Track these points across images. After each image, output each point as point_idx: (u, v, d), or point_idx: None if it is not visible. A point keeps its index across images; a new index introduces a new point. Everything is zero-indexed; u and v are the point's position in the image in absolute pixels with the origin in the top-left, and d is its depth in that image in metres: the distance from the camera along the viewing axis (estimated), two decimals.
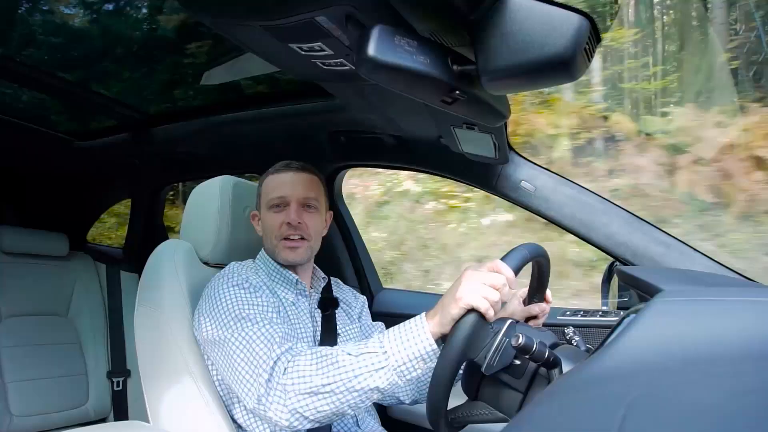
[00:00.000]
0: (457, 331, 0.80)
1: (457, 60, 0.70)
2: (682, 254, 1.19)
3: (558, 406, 0.43)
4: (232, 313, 1.03)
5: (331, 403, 0.89)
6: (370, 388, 0.87)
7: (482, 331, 0.81)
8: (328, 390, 0.88)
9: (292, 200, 1.19)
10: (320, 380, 0.88)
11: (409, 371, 0.86)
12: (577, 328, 1.02)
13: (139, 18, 1.23)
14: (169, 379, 1.14)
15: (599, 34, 0.64)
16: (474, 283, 0.81)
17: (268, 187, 1.22)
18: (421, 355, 0.85)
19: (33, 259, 2.08)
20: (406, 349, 0.85)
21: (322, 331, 1.20)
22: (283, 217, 1.18)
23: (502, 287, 0.82)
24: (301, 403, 0.89)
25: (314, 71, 0.93)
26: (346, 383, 0.87)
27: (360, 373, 0.87)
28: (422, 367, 0.86)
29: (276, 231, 1.18)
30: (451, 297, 0.83)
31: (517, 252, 0.89)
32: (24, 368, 1.91)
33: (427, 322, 0.86)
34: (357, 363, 0.87)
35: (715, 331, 0.45)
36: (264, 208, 1.22)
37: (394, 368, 0.86)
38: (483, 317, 0.80)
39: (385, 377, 0.86)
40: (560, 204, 1.29)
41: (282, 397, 0.90)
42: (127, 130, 1.78)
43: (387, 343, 0.87)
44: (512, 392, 0.82)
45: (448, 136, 1.23)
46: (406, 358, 0.85)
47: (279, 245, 1.18)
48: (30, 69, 1.39)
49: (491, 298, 0.80)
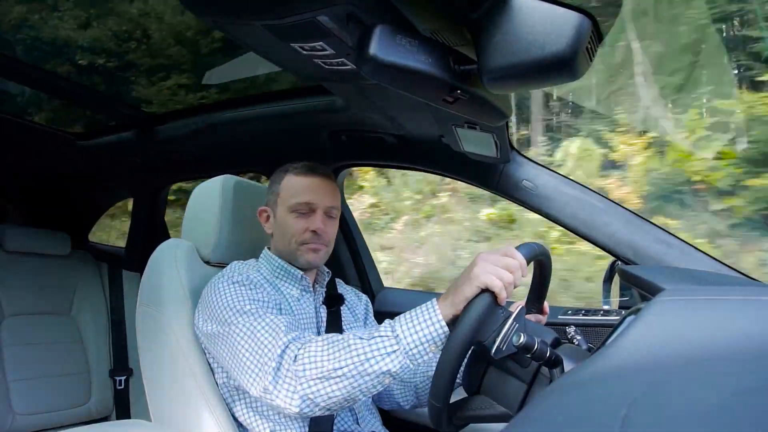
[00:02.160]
0: (470, 310, 0.80)
1: (458, 59, 0.70)
2: (683, 253, 1.19)
3: (559, 405, 0.43)
4: (233, 308, 1.03)
5: (343, 388, 0.88)
6: (382, 371, 0.87)
7: (493, 314, 0.82)
8: (340, 374, 0.88)
9: (319, 208, 1.18)
10: (332, 364, 0.88)
11: (420, 354, 0.86)
12: (579, 327, 1.02)
13: (141, 17, 1.24)
14: (171, 378, 1.15)
15: (601, 33, 0.64)
16: (488, 264, 0.83)
17: (292, 189, 1.19)
18: (433, 338, 0.85)
19: (35, 257, 2.08)
20: (417, 332, 0.86)
21: (327, 327, 1.20)
22: (306, 223, 1.17)
23: (515, 270, 0.84)
24: (312, 389, 0.89)
25: (316, 71, 0.93)
26: (357, 366, 0.87)
27: (372, 356, 0.87)
28: (433, 350, 0.87)
29: (298, 236, 1.17)
30: (465, 277, 0.84)
31: (528, 244, 0.91)
32: (26, 367, 1.92)
33: (439, 304, 0.87)
34: (369, 346, 0.87)
35: (717, 330, 0.45)
36: (284, 209, 1.19)
37: (406, 351, 0.86)
38: (495, 299, 0.81)
39: (397, 360, 0.86)
40: (562, 203, 1.29)
41: (293, 384, 0.90)
42: (129, 130, 1.78)
43: (398, 327, 0.88)
44: (516, 382, 0.82)
45: (450, 136, 1.23)
46: (418, 341, 0.86)
47: (301, 248, 1.17)
48: (33, 68, 1.39)
49: (505, 278, 0.81)
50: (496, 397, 0.85)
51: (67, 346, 2.06)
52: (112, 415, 2.14)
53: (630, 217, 1.25)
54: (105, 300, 2.22)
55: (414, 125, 1.31)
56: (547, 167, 1.34)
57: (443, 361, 0.79)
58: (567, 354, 0.81)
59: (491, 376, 0.86)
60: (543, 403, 0.46)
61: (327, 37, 0.76)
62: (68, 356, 2.04)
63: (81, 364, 2.07)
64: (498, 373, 0.85)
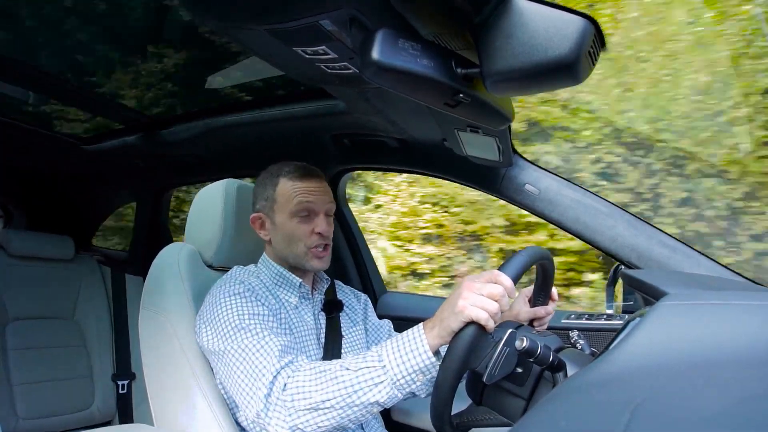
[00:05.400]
0: (457, 343, 0.79)
1: (460, 63, 0.70)
2: (687, 257, 1.19)
3: (562, 410, 0.43)
4: (232, 323, 1.03)
5: (332, 418, 0.89)
6: (370, 402, 0.87)
7: (482, 341, 0.80)
8: (328, 406, 0.88)
9: (321, 211, 1.18)
10: (320, 396, 0.88)
11: (408, 384, 0.86)
12: (582, 332, 1.01)
13: (146, 21, 1.24)
14: (174, 382, 1.15)
15: (603, 37, 0.64)
16: (472, 295, 0.81)
17: (290, 194, 1.17)
18: (420, 368, 0.85)
19: (39, 262, 2.09)
20: (404, 362, 0.85)
21: (327, 334, 1.20)
22: (311, 226, 1.17)
23: (500, 298, 0.81)
24: (301, 419, 0.90)
25: (318, 74, 0.93)
26: (345, 398, 0.87)
27: (359, 388, 0.87)
28: (421, 379, 0.86)
29: (306, 240, 1.17)
30: (450, 310, 0.82)
31: (514, 260, 0.87)
32: (30, 371, 1.92)
33: (426, 333, 0.85)
34: (356, 378, 0.87)
35: (720, 335, 0.45)
36: (284, 214, 1.17)
37: (393, 382, 0.86)
38: (483, 329, 0.80)
39: (384, 391, 0.86)
40: (564, 207, 1.29)
41: (282, 413, 0.91)
42: (132, 133, 1.79)
43: (385, 357, 0.87)
44: (515, 399, 0.82)
45: (452, 140, 1.23)
46: (405, 372, 0.85)
47: (309, 253, 1.17)
48: (36, 72, 1.40)
49: (490, 309, 0.79)
50: (497, 411, 0.85)
51: (71, 350, 2.06)
52: (114, 419, 2.14)
53: (633, 221, 1.24)
54: (108, 304, 2.22)
55: (416, 129, 1.31)
56: (549, 171, 1.34)
57: (437, 395, 0.79)
58: (570, 358, 0.81)
59: (489, 396, 0.86)
60: (546, 408, 0.46)
61: (329, 41, 0.76)
62: (71, 360, 2.04)
63: (84, 368, 2.08)
64: (496, 393, 0.85)
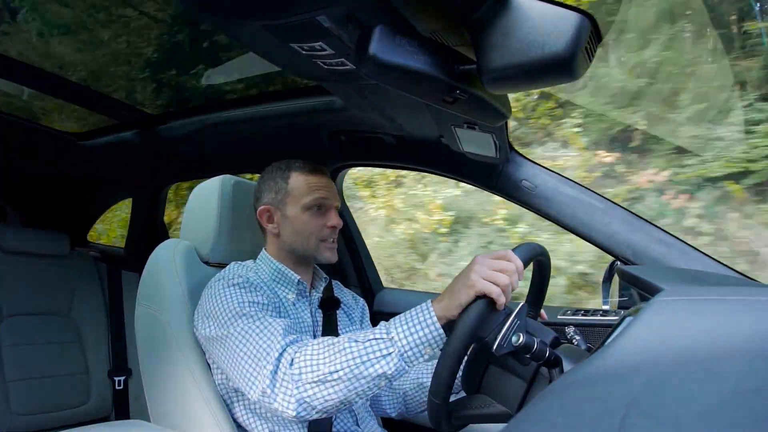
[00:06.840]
0: (466, 316, 0.80)
1: (458, 59, 0.70)
2: (682, 253, 1.19)
3: (558, 406, 0.43)
4: (232, 311, 1.03)
5: (339, 391, 0.89)
6: (378, 374, 0.87)
7: (494, 312, 0.81)
8: (336, 378, 0.88)
9: (332, 205, 1.21)
10: (327, 368, 0.88)
11: (416, 356, 0.87)
12: (578, 327, 1.02)
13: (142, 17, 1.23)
14: (170, 378, 1.15)
15: (600, 33, 0.64)
16: (484, 269, 0.82)
17: (303, 188, 1.19)
18: (428, 340, 0.86)
19: (34, 258, 2.08)
20: (412, 334, 0.86)
21: (323, 331, 1.21)
22: (323, 221, 1.19)
23: (512, 273, 0.83)
24: (308, 393, 0.90)
25: (315, 71, 0.93)
26: (353, 369, 0.87)
27: (367, 359, 0.87)
28: (429, 352, 0.87)
29: (318, 233, 1.19)
30: (462, 283, 0.83)
31: (526, 246, 0.90)
32: (25, 367, 1.92)
33: (434, 307, 0.86)
34: (364, 349, 0.88)
35: (716, 331, 0.45)
36: (297, 207, 1.19)
37: (401, 354, 0.86)
38: (493, 303, 0.81)
39: (392, 363, 0.86)
40: (561, 203, 1.29)
41: (290, 387, 0.90)
42: (128, 130, 1.78)
43: (393, 329, 0.88)
44: (517, 380, 0.82)
45: (449, 136, 1.23)
46: (413, 344, 0.86)
47: (321, 246, 1.20)
48: (32, 68, 1.39)
49: (502, 282, 0.81)
50: (495, 396, 0.85)
51: (66, 346, 2.06)
52: (111, 415, 2.14)
53: (629, 218, 1.25)
54: (104, 300, 2.22)
55: (413, 125, 1.31)
56: (546, 167, 1.34)
57: (443, 360, 0.79)
58: (566, 354, 0.81)
59: (491, 374, 0.86)
60: (542, 403, 0.46)
61: (326, 37, 0.76)
62: (67, 356, 2.04)
63: (80, 364, 2.07)
64: (498, 371, 0.85)
